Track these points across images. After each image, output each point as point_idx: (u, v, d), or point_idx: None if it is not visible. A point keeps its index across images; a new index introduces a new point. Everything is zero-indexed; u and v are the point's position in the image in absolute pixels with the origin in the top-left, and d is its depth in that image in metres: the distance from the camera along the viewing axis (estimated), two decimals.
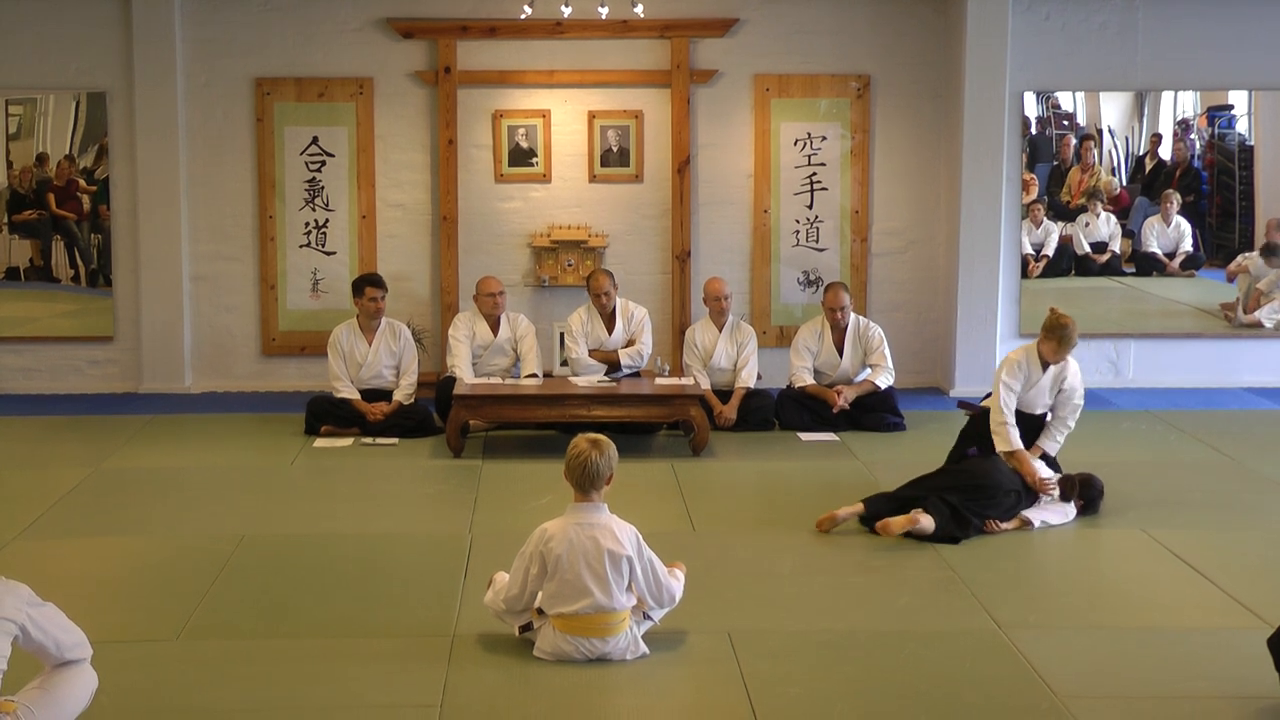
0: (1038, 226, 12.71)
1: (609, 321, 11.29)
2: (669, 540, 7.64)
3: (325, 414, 10.84)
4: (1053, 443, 8.97)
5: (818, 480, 9.48)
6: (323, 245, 12.55)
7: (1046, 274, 12.74)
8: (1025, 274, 12.67)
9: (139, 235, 12.38)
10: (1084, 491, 8.59)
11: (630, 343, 11.26)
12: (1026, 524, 8.27)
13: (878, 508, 8.24)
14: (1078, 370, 8.98)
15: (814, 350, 11.21)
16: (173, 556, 7.79)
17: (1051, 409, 9.00)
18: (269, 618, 6.84)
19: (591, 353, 11.20)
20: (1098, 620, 6.80)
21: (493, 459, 10.09)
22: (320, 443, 10.60)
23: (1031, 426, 8.93)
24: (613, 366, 11.17)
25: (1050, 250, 12.72)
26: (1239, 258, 12.79)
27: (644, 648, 6.27)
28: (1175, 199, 12.70)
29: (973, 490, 8.22)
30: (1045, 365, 8.86)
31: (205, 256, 12.54)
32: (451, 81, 12.37)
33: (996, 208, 12.28)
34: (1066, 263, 12.76)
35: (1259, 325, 12.76)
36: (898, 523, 8.07)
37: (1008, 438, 8.71)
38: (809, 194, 12.63)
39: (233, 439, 10.79)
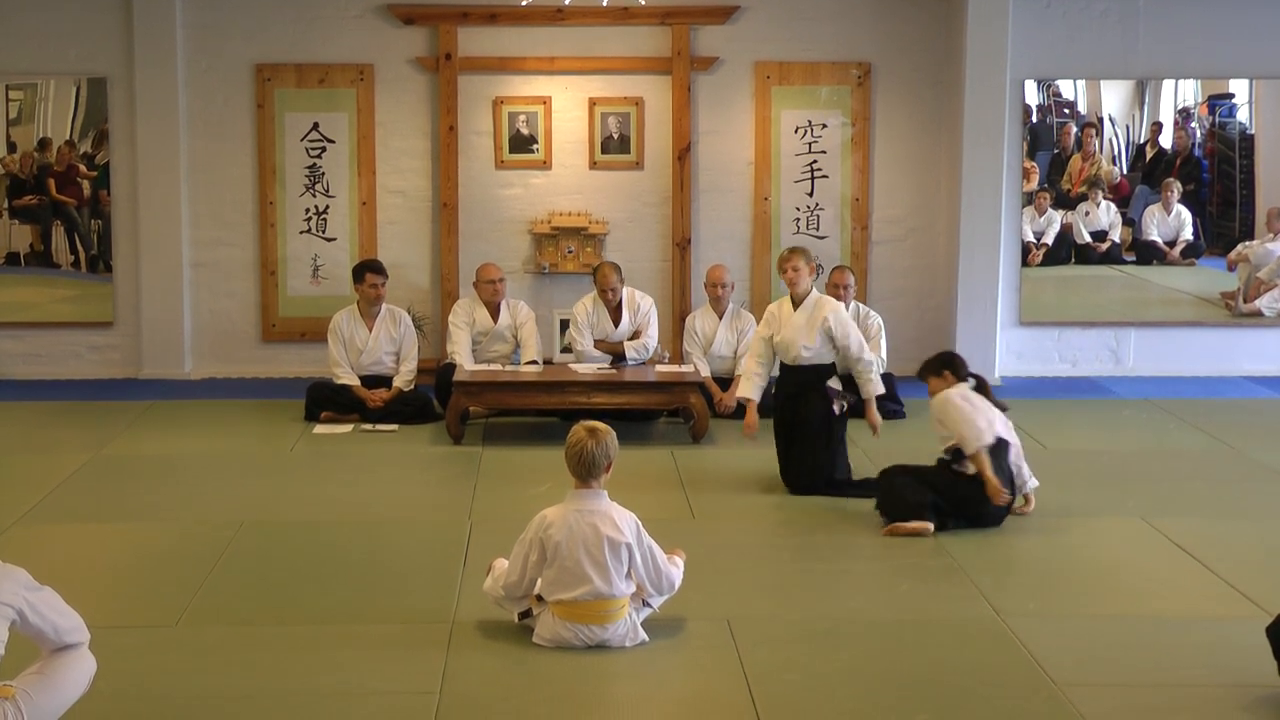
0: (1041, 215, 12.70)
1: (615, 314, 11.26)
2: (668, 527, 7.63)
3: (325, 400, 10.84)
4: (872, 385, 9.01)
5: None
6: (323, 231, 12.55)
7: (1046, 262, 12.73)
8: (1026, 262, 12.67)
9: (139, 221, 12.38)
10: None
11: (636, 334, 11.24)
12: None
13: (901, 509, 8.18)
14: (838, 309, 9.04)
15: None
16: (172, 542, 7.80)
17: (844, 361, 9.07)
18: (268, 603, 6.84)
19: (597, 343, 11.17)
20: (1097, 608, 6.81)
21: (492, 446, 10.09)
22: (320, 429, 10.60)
23: (804, 379, 8.98)
24: (617, 357, 11.16)
25: (1050, 239, 12.72)
26: (1239, 246, 12.79)
27: (643, 635, 6.28)
28: (1176, 187, 12.69)
29: (964, 504, 8.13)
30: (796, 305, 9.02)
31: (205, 242, 12.53)
32: (452, 68, 12.36)
33: (997, 196, 12.28)
34: (1065, 251, 12.75)
35: (1259, 314, 12.75)
36: (908, 528, 8.03)
37: (747, 386, 9.17)
38: (809, 181, 12.62)
39: (233, 425, 10.80)
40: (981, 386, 8.30)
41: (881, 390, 9.11)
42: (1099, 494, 8.90)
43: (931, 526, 7.93)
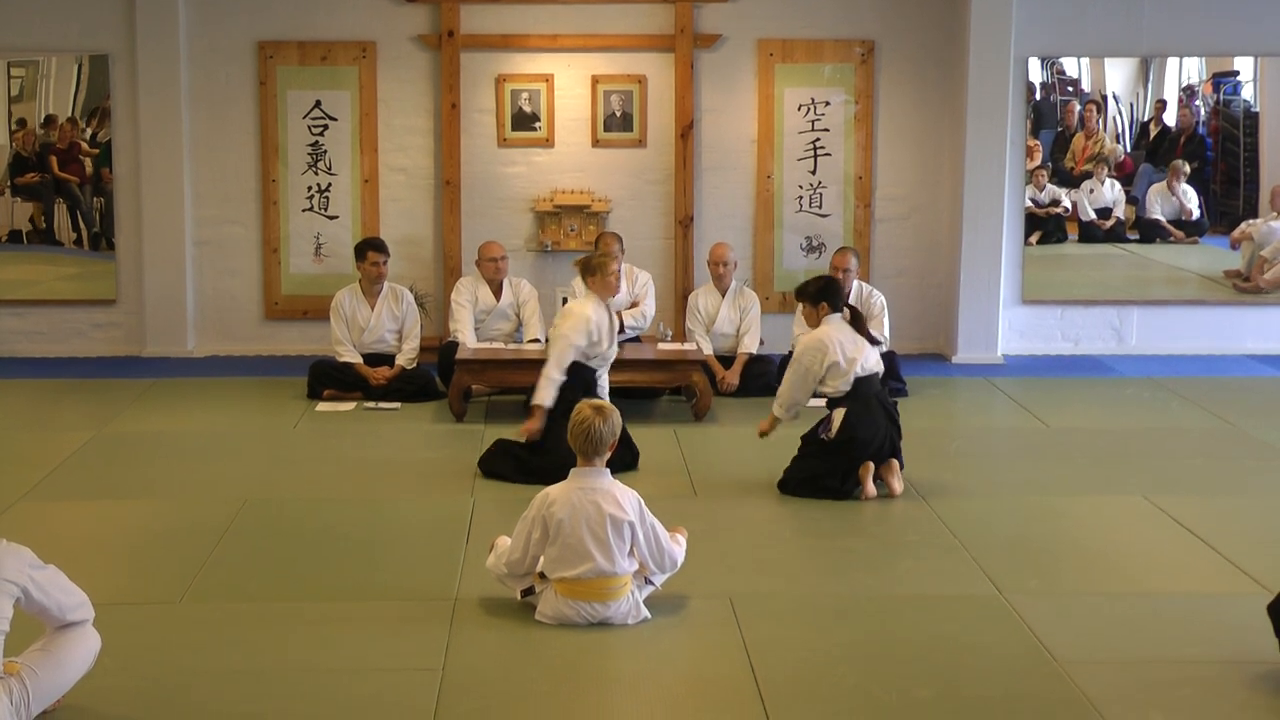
0: (1041, 191, 12.70)
1: None
2: (671, 505, 7.66)
3: (328, 378, 10.86)
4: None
5: None
6: (325, 209, 12.54)
7: (1044, 242, 12.73)
8: (1028, 238, 12.65)
9: (141, 199, 12.37)
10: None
11: (634, 304, 11.27)
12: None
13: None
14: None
15: None
16: (175, 519, 7.81)
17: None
18: (271, 581, 6.86)
19: None
20: (1098, 585, 6.82)
21: (495, 424, 10.09)
22: (323, 407, 10.62)
23: None
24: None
25: (1065, 202, 12.71)
26: (1243, 224, 12.78)
27: (645, 612, 6.29)
28: (1183, 171, 12.66)
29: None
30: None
31: (208, 220, 12.53)
32: (454, 45, 12.34)
33: (1000, 174, 12.26)
34: (1060, 232, 12.74)
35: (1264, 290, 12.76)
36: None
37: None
38: (812, 160, 12.61)
39: (235, 403, 10.81)
40: (855, 318, 8.44)
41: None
42: (1101, 472, 8.91)
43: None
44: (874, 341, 8.48)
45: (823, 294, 8.45)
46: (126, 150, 12.42)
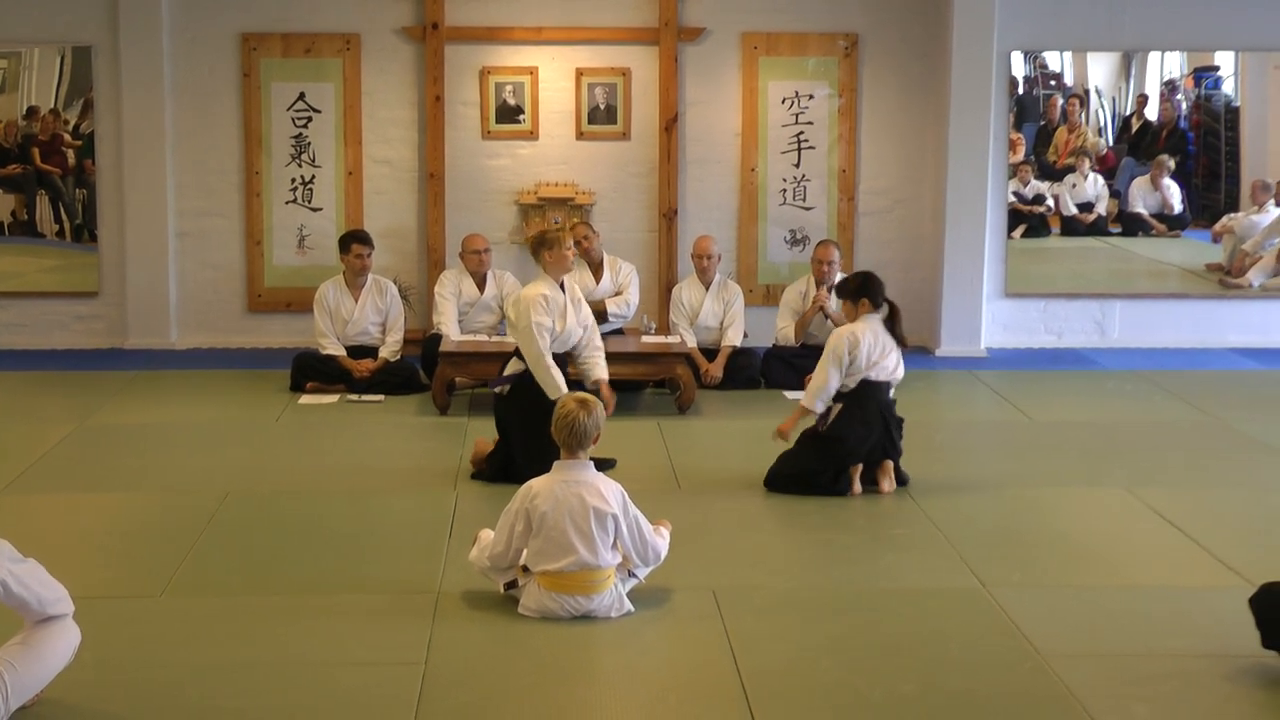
0: (1025, 186, 12.71)
1: (595, 271, 11.28)
2: (654, 498, 7.65)
3: (311, 370, 10.84)
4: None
5: None
6: (309, 201, 12.51)
7: (1028, 235, 12.76)
8: (1011, 231, 12.66)
9: (124, 191, 12.33)
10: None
11: (618, 293, 11.26)
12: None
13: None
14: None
15: (799, 311, 11.20)
16: (157, 512, 7.79)
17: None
18: (253, 574, 6.84)
19: None
20: (1081, 578, 6.83)
21: (478, 416, 10.07)
22: (306, 399, 10.60)
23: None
24: (599, 317, 11.16)
25: (1049, 199, 12.74)
26: (1224, 218, 12.81)
27: (629, 605, 6.29)
28: (1168, 166, 12.68)
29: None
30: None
31: (191, 212, 12.49)
32: (439, 38, 12.31)
33: (983, 167, 12.26)
34: (1044, 229, 12.75)
35: (1246, 285, 12.78)
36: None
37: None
38: (796, 153, 12.60)
39: (218, 395, 10.78)
40: (893, 315, 8.33)
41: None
42: (1084, 465, 8.93)
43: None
44: (903, 343, 8.37)
45: (863, 290, 8.31)
46: (109, 142, 12.38)
